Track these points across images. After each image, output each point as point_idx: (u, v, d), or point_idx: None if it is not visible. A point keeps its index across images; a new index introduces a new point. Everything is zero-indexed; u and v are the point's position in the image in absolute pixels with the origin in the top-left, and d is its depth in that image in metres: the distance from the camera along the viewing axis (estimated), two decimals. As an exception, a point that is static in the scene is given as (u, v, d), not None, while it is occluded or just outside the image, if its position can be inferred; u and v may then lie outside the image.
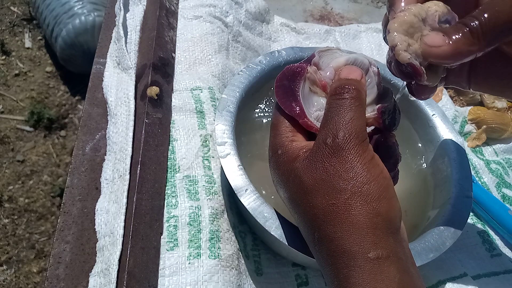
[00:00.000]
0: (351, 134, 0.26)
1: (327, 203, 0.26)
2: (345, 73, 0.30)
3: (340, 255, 0.25)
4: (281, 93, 0.31)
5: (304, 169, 0.27)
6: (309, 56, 0.32)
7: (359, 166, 0.26)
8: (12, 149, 1.37)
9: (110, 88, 0.47)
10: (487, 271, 0.43)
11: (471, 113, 0.57)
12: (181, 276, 0.35)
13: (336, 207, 0.25)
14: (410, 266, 0.26)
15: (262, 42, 0.60)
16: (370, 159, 0.27)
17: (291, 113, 0.30)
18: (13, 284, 1.12)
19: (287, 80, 0.31)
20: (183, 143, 0.43)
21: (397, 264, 0.25)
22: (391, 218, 0.26)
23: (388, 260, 0.24)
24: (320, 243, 0.26)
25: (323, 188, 0.26)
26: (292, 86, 0.31)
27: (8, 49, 1.60)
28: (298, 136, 0.30)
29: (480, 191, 0.48)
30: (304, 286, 0.40)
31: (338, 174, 0.26)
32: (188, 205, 0.38)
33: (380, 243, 0.25)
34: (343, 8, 0.73)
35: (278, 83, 0.31)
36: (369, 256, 0.24)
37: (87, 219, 0.39)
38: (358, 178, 0.26)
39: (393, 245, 0.25)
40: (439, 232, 0.36)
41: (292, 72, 0.31)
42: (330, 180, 0.26)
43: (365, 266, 0.24)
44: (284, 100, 0.31)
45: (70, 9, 1.43)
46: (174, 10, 0.56)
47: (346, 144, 0.26)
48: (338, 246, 0.25)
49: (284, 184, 0.29)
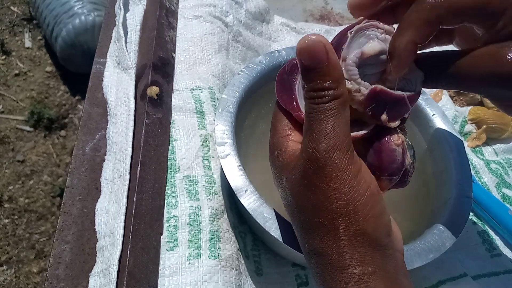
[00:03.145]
0: (333, 147, 0.24)
1: (313, 220, 0.26)
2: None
3: (328, 269, 0.25)
4: (280, 87, 0.30)
5: (291, 182, 0.27)
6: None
7: (343, 184, 0.24)
8: (12, 149, 1.37)
9: (110, 88, 0.47)
10: (487, 271, 0.43)
11: (471, 113, 0.57)
12: (181, 276, 0.35)
13: (321, 225, 0.25)
14: (401, 277, 0.25)
15: (262, 42, 0.60)
16: (356, 174, 0.25)
17: (286, 106, 0.30)
18: (13, 284, 1.12)
19: (286, 74, 0.30)
20: (183, 143, 0.43)
21: (385, 278, 0.25)
22: (377, 236, 0.25)
23: (375, 275, 0.24)
24: (310, 255, 0.27)
25: (308, 205, 0.26)
26: (290, 79, 0.30)
27: (8, 49, 1.60)
28: (295, 134, 0.29)
29: (480, 191, 0.48)
30: (304, 286, 0.40)
31: (323, 194, 0.25)
32: (188, 205, 0.38)
33: (366, 260, 0.25)
34: (343, 8, 0.73)
35: (278, 77, 0.31)
36: (354, 272, 0.24)
37: (87, 219, 0.39)
38: (343, 197, 0.24)
39: (380, 260, 0.25)
40: (439, 233, 0.36)
41: (291, 66, 0.30)
42: (315, 198, 0.25)
43: (351, 280, 0.24)
44: (281, 94, 0.30)
45: (70, 9, 1.43)
46: (174, 10, 0.56)
47: (328, 161, 0.24)
48: (325, 261, 0.25)
49: (279, 189, 0.29)
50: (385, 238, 0.26)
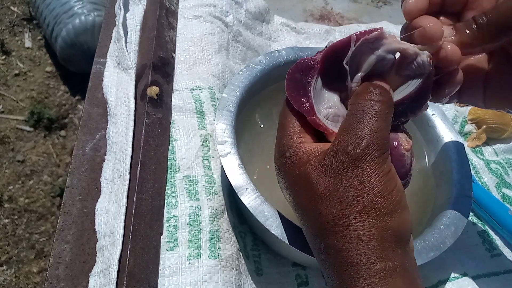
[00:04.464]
0: (375, 146, 0.25)
1: (337, 214, 0.25)
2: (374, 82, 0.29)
3: (347, 266, 0.25)
4: (292, 86, 0.29)
5: (317, 175, 0.26)
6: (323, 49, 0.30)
7: (376, 179, 0.25)
8: (12, 149, 1.37)
9: (110, 88, 0.47)
10: (487, 271, 0.43)
11: (471, 113, 0.57)
12: (181, 276, 0.35)
13: (346, 219, 0.25)
14: (416, 278, 0.25)
15: (262, 42, 0.60)
16: (388, 172, 0.26)
17: (300, 108, 0.29)
18: (13, 284, 1.12)
19: (299, 74, 0.29)
20: (183, 143, 0.43)
21: (404, 276, 0.24)
22: (402, 232, 0.25)
23: (395, 273, 0.24)
24: (326, 253, 0.26)
25: (335, 198, 0.25)
26: (304, 80, 0.29)
27: (8, 49, 1.60)
28: (306, 137, 0.29)
29: (480, 191, 0.48)
30: (304, 286, 0.40)
31: (353, 186, 0.25)
32: (188, 205, 0.38)
33: (388, 255, 0.24)
34: (343, 8, 0.73)
35: (290, 75, 0.29)
36: (375, 268, 0.24)
37: (87, 219, 0.39)
38: (373, 191, 0.25)
39: (401, 257, 0.25)
40: (439, 232, 0.36)
41: (305, 66, 0.29)
42: (344, 190, 0.25)
43: (372, 278, 0.24)
44: (294, 95, 0.29)
45: (70, 9, 1.43)
46: (174, 10, 0.56)
47: (367, 156, 0.25)
48: (344, 257, 0.25)
49: (292, 188, 0.28)
50: (408, 235, 0.26)
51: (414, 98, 0.29)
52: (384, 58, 0.29)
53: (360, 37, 0.28)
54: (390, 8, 0.76)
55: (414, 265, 0.26)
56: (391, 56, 0.29)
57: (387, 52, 0.29)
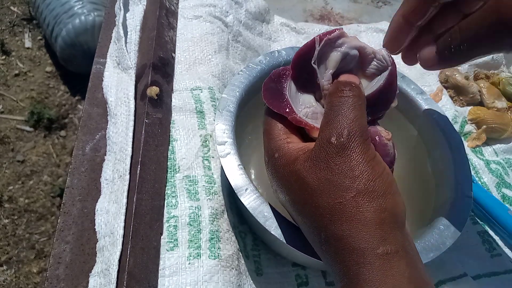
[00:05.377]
0: (356, 133, 0.27)
1: (333, 202, 0.26)
2: (343, 77, 0.31)
3: (349, 253, 0.25)
4: (269, 95, 0.32)
5: (307, 169, 0.27)
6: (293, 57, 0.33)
7: (364, 163, 0.26)
8: (12, 149, 1.37)
9: (110, 88, 0.47)
10: (487, 271, 0.43)
11: (471, 113, 0.57)
12: (181, 276, 0.35)
13: (343, 205, 0.26)
14: (418, 261, 0.26)
15: (262, 42, 0.60)
16: (374, 157, 0.27)
17: (280, 111, 0.31)
18: (13, 284, 1.12)
19: (274, 83, 0.32)
20: (183, 143, 0.43)
21: (406, 258, 0.25)
22: (397, 213, 0.26)
23: (397, 255, 0.25)
24: (327, 243, 0.26)
25: (328, 187, 0.26)
26: (279, 87, 0.32)
27: (8, 49, 1.60)
28: (292, 137, 0.31)
29: (480, 191, 0.48)
30: (304, 286, 0.40)
31: (343, 173, 0.26)
32: (188, 205, 0.38)
33: (388, 238, 0.25)
34: (343, 8, 0.73)
35: (265, 86, 0.32)
36: (378, 252, 0.24)
37: (87, 219, 0.39)
38: (364, 175, 0.26)
39: (401, 239, 0.26)
40: (439, 232, 0.36)
41: (277, 75, 0.32)
42: (335, 179, 0.26)
43: (375, 262, 0.24)
44: (272, 101, 0.31)
45: (70, 9, 1.43)
46: (174, 10, 0.56)
47: (351, 143, 0.26)
48: (346, 244, 0.25)
49: (285, 187, 0.29)
50: (403, 217, 0.27)
51: (383, 92, 0.32)
52: (348, 54, 0.31)
53: (323, 37, 0.31)
54: (390, 8, 0.76)
55: (415, 249, 0.27)
56: (354, 52, 0.31)
57: (350, 49, 0.31)
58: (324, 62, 0.31)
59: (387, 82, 0.32)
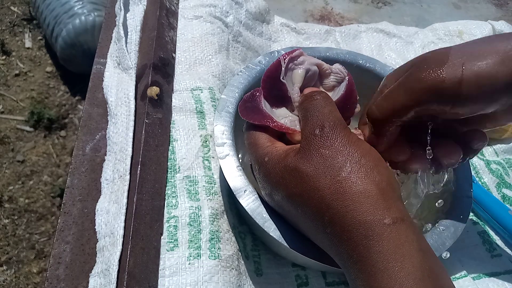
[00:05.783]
0: (336, 122, 0.29)
1: (331, 181, 0.27)
2: (308, 90, 0.34)
3: (356, 227, 0.25)
4: (247, 112, 0.34)
5: (299, 161, 0.28)
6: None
7: (350, 145, 0.28)
8: (12, 149, 1.37)
9: (110, 88, 0.47)
10: (488, 272, 0.43)
11: (471, 113, 0.57)
12: (181, 276, 0.35)
13: (342, 183, 0.26)
14: (420, 231, 0.27)
15: (262, 42, 0.60)
16: (357, 139, 0.29)
17: (262, 122, 0.33)
18: (13, 284, 1.12)
19: (249, 102, 0.35)
20: (183, 144, 0.43)
21: (412, 227, 0.25)
22: (393, 183, 0.27)
23: (404, 224, 0.25)
24: (332, 223, 0.27)
25: (324, 169, 0.27)
26: (255, 104, 0.34)
27: (8, 49, 1.60)
28: (278, 143, 0.32)
29: (480, 191, 0.48)
30: (304, 286, 0.40)
31: (334, 155, 0.27)
32: (188, 205, 0.38)
33: (392, 207, 0.25)
34: (343, 8, 0.73)
35: (241, 107, 0.35)
36: (385, 222, 0.25)
37: (87, 219, 0.39)
38: (354, 154, 0.27)
39: (403, 208, 0.26)
40: (439, 232, 0.36)
41: (251, 96, 0.35)
42: (329, 161, 0.27)
43: (383, 232, 0.24)
44: (252, 115, 0.34)
45: (70, 9, 1.43)
46: (174, 10, 0.56)
47: (334, 130, 0.28)
48: (352, 219, 0.25)
49: (281, 184, 0.29)
50: (398, 189, 0.28)
51: (346, 98, 0.35)
52: (309, 70, 0.36)
53: (287, 56, 0.35)
54: (390, 8, 0.76)
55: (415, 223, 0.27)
56: (314, 68, 0.36)
57: (310, 65, 0.36)
58: (291, 78, 0.35)
59: (348, 90, 0.36)
